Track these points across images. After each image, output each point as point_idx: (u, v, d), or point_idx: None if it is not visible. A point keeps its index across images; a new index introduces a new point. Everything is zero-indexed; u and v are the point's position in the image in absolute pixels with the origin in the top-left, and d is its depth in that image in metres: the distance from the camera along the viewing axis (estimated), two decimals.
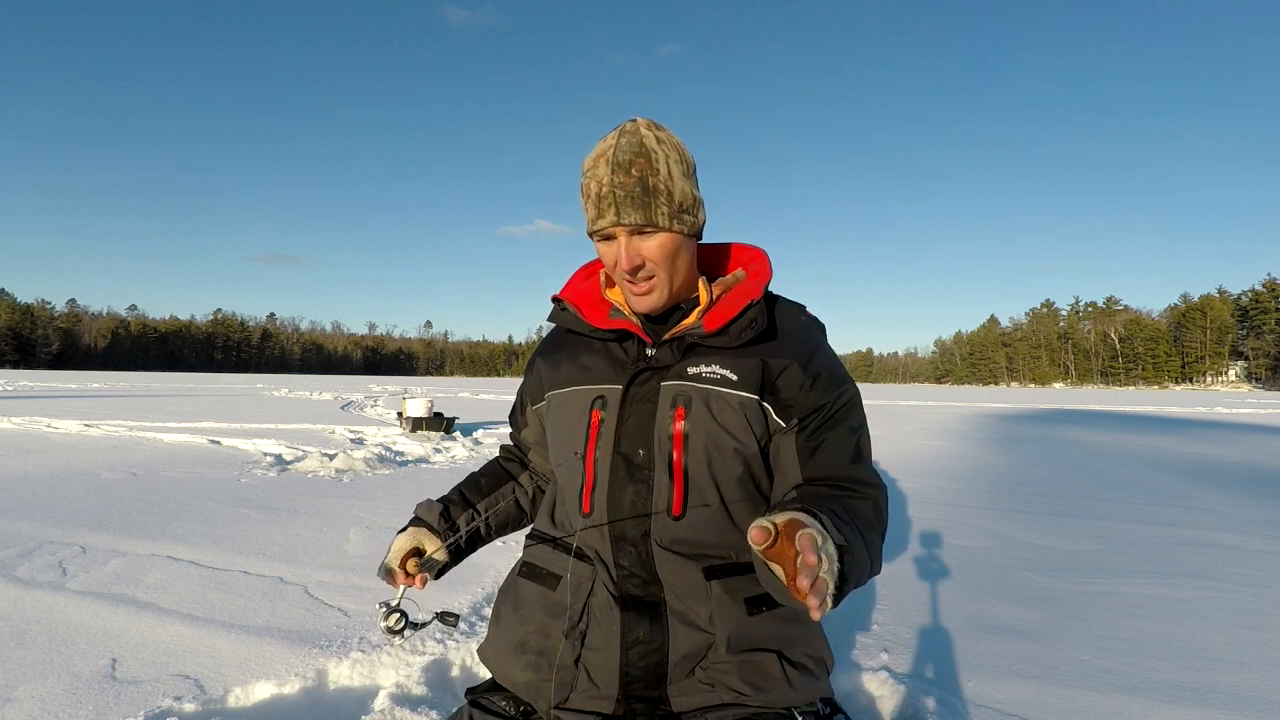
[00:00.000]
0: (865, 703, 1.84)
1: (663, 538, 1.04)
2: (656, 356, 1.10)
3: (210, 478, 5.07)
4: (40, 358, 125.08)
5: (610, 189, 0.99)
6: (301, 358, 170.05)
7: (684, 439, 1.04)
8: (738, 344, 1.05)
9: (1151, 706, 1.81)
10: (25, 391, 19.36)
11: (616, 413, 1.08)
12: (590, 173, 1.02)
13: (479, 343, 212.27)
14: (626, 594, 1.05)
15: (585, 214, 1.05)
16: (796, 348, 1.08)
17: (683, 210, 1.03)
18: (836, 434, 1.06)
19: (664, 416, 1.05)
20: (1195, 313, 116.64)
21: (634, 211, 0.99)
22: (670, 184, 1.01)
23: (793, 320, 1.12)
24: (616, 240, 1.03)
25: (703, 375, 1.06)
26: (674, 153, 1.02)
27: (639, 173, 0.99)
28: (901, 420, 13.98)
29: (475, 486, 1.31)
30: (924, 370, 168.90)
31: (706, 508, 1.05)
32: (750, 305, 1.06)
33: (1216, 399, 38.77)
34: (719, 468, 1.05)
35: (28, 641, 2.07)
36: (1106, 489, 5.45)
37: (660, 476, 1.04)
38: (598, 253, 1.08)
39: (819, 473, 1.04)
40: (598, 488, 1.07)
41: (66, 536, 3.26)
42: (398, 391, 25.47)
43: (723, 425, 1.04)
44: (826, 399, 1.06)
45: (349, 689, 1.87)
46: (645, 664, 1.03)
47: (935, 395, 39.86)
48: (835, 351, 1.13)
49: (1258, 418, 17.45)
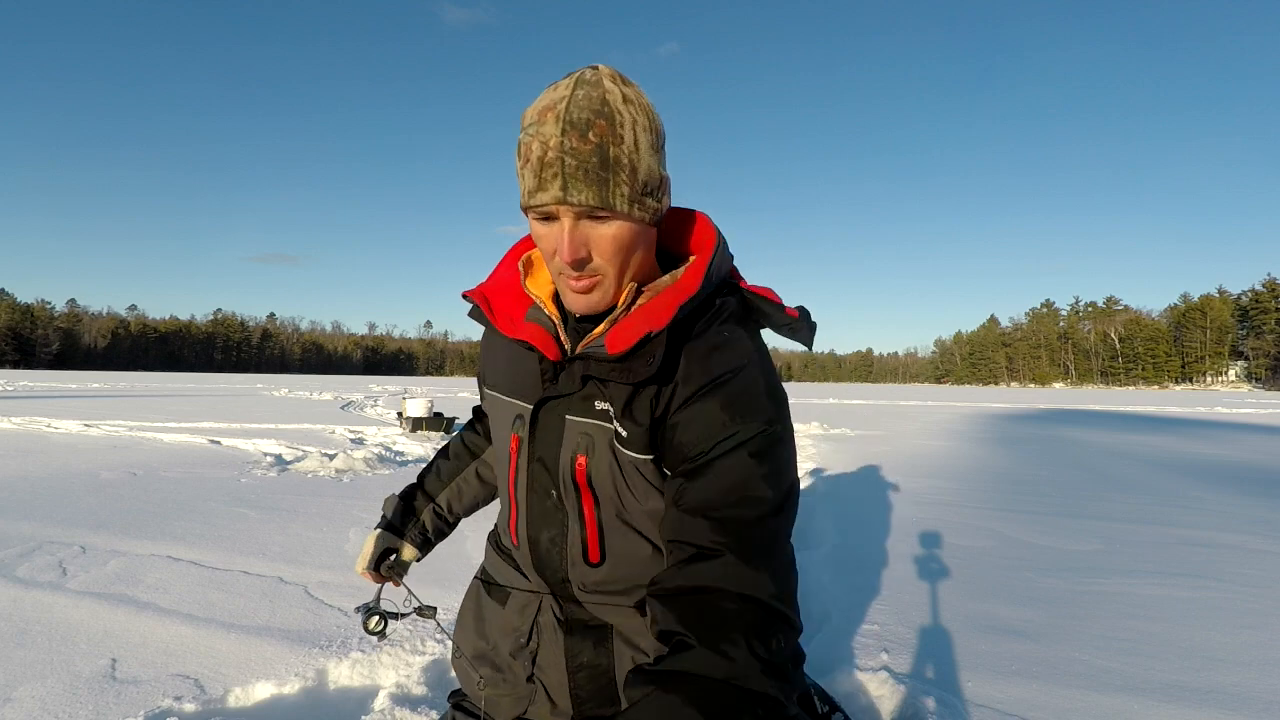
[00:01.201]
0: (865, 703, 1.84)
1: (584, 583, 0.96)
2: (562, 381, 0.91)
3: (210, 478, 5.06)
4: (40, 358, 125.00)
5: (558, 154, 0.77)
6: (301, 358, 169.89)
7: (589, 485, 0.90)
8: (634, 380, 0.84)
9: (1151, 706, 1.81)
10: (25, 391, 19.35)
11: (528, 442, 0.95)
12: (533, 129, 0.79)
13: (479, 343, 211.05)
14: (572, 618, 1.00)
15: (521, 181, 0.81)
16: (692, 385, 0.84)
17: (646, 192, 0.82)
18: (700, 481, 0.80)
19: (566, 458, 0.90)
20: (1195, 313, 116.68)
21: (586, 188, 0.77)
22: (635, 157, 0.79)
23: (702, 346, 0.86)
24: (558, 222, 0.81)
25: (608, 413, 0.88)
26: (643, 117, 0.81)
27: (597, 138, 0.77)
28: (901, 420, 13.97)
29: (437, 474, 1.27)
30: (924, 370, 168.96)
31: (629, 551, 0.93)
32: (646, 339, 0.82)
33: (1216, 399, 38.76)
34: (633, 518, 0.92)
35: (28, 641, 2.07)
36: (1106, 489, 5.44)
37: (573, 523, 0.93)
38: (532, 233, 0.86)
39: (671, 535, 0.81)
40: (519, 522, 0.99)
41: (66, 536, 3.26)
42: (398, 391, 25.46)
43: (626, 481, 0.89)
44: (702, 445, 0.81)
45: (349, 689, 1.87)
46: (593, 686, 0.99)
47: (935, 395, 39.84)
48: (760, 382, 0.85)
49: (1258, 418, 17.44)
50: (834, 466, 6.29)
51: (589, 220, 0.80)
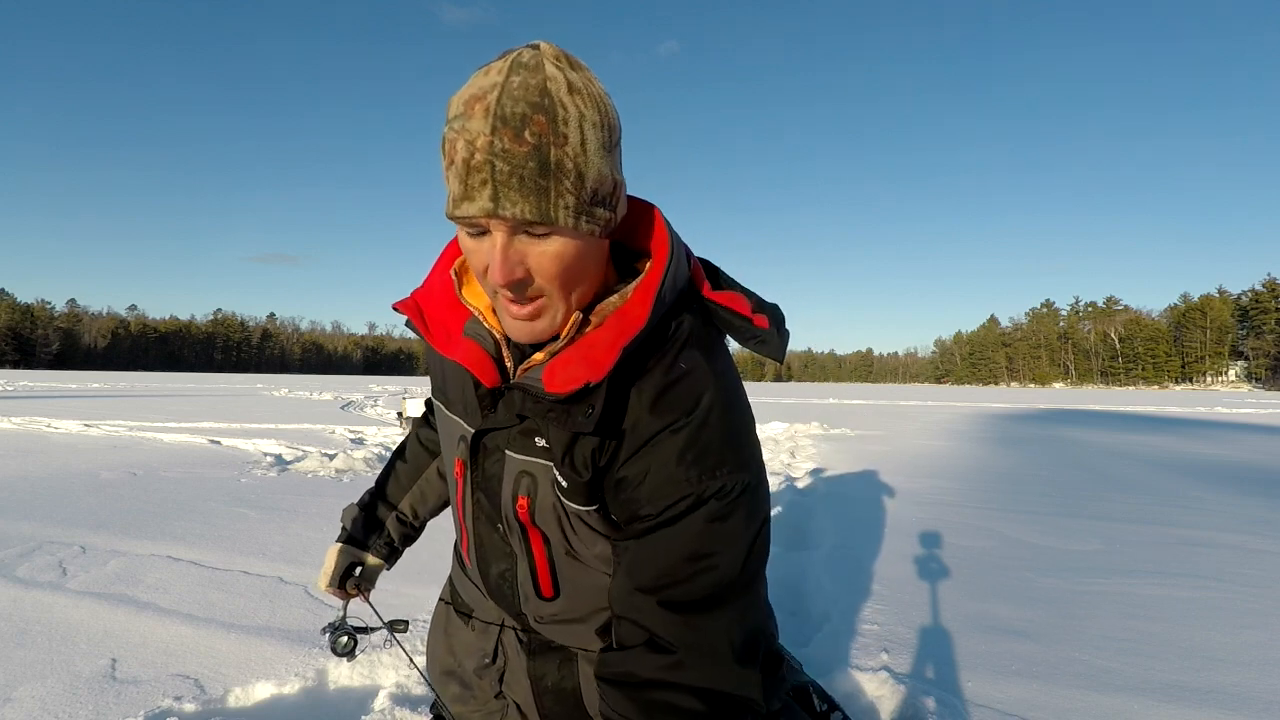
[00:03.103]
0: (865, 703, 1.84)
1: (540, 615, 0.91)
2: (499, 412, 0.82)
3: (210, 478, 5.06)
4: (40, 358, 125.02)
5: (487, 157, 0.63)
6: (301, 358, 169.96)
7: (534, 524, 0.83)
8: (574, 430, 0.74)
9: (1151, 706, 1.81)
10: (25, 391, 19.35)
11: (470, 470, 0.88)
12: (458, 123, 0.64)
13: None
14: (533, 639, 0.98)
15: (446, 184, 0.68)
16: (637, 430, 0.74)
17: (596, 201, 0.68)
18: (648, 550, 0.72)
19: (508, 496, 0.83)
20: (1195, 313, 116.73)
21: (521, 199, 0.64)
22: (582, 161, 0.65)
23: (651, 386, 0.74)
24: (489, 237, 0.67)
25: (550, 452, 0.79)
26: (592, 110, 0.66)
27: (535, 138, 0.63)
28: (901, 420, 13.97)
29: (396, 479, 1.20)
30: (924, 370, 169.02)
31: (584, 581, 0.87)
32: (587, 389, 0.71)
33: (1216, 399, 38.75)
34: (584, 554, 0.84)
35: (28, 641, 2.07)
36: (1106, 489, 5.44)
37: (522, 559, 0.88)
38: (461, 245, 0.73)
39: (621, 610, 0.74)
40: (470, 548, 0.94)
41: (66, 536, 3.26)
42: (398, 391, 25.43)
43: (572, 525, 0.81)
44: (654, 505, 0.72)
45: (349, 689, 1.87)
46: (561, 707, 0.97)
47: (935, 395, 39.83)
48: (720, 427, 0.74)
49: (1258, 418, 17.43)
50: (834, 466, 6.29)
51: (526, 236, 0.67)
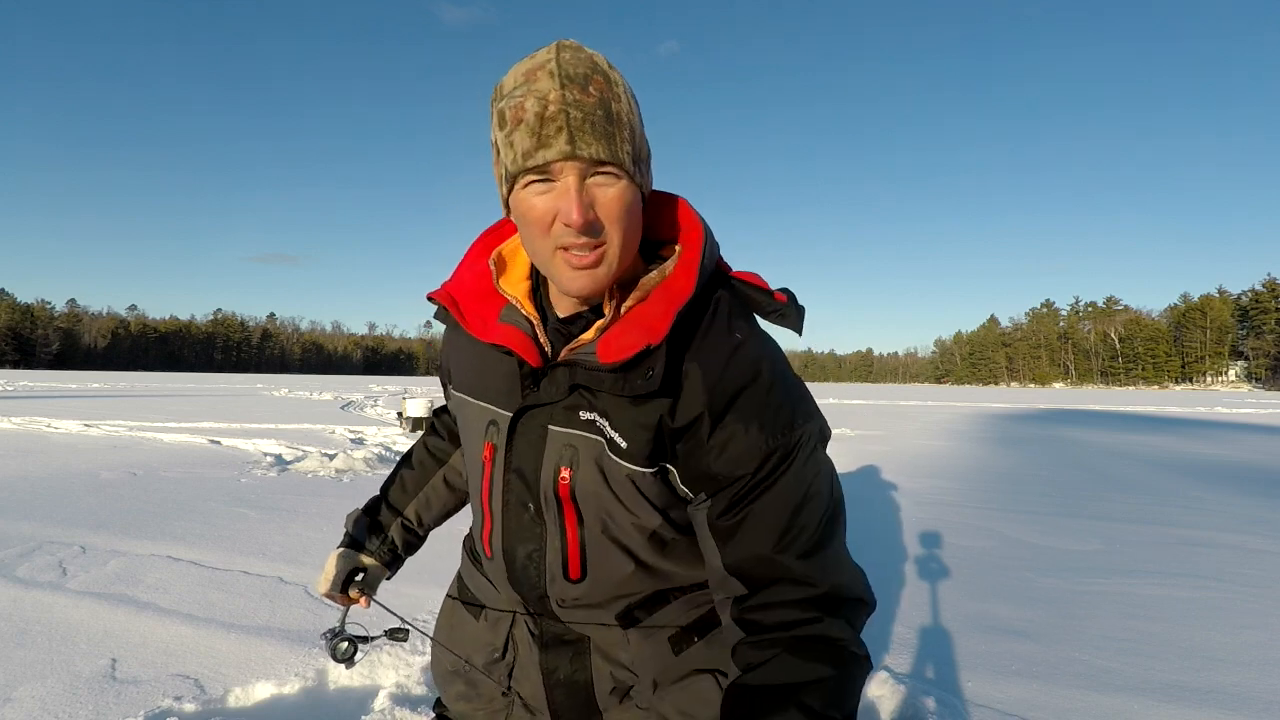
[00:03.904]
0: (865, 703, 1.84)
1: (563, 598, 0.91)
2: (544, 388, 0.84)
3: (210, 478, 5.06)
4: (40, 358, 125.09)
5: (560, 107, 0.69)
6: (301, 358, 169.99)
7: (573, 499, 0.85)
8: (631, 394, 0.78)
9: (1151, 706, 1.81)
10: (25, 391, 19.35)
11: (504, 452, 0.89)
12: (523, 89, 0.71)
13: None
14: (547, 632, 0.97)
15: (509, 149, 0.73)
16: (707, 400, 0.78)
17: (640, 159, 0.76)
18: (759, 513, 0.77)
19: (549, 471, 0.85)
20: (1195, 313, 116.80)
21: (595, 141, 0.70)
22: (633, 119, 0.74)
23: (712, 357, 0.79)
24: (558, 184, 0.71)
25: (595, 424, 0.82)
26: (627, 83, 0.76)
27: (599, 90, 0.71)
28: (902, 420, 13.97)
29: (402, 486, 1.20)
30: (924, 370, 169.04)
31: (612, 566, 0.88)
32: (646, 351, 0.76)
33: (1216, 399, 38.76)
34: (619, 533, 0.86)
35: (28, 641, 2.07)
36: (1106, 489, 5.44)
37: (552, 538, 0.88)
38: (518, 209, 0.76)
39: (740, 566, 0.78)
40: (494, 534, 0.94)
41: (66, 536, 3.26)
42: (398, 391, 25.45)
43: (615, 494, 0.83)
44: (744, 468, 0.77)
45: (349, 689, 1.87)
46: (571, 701, 0.96)
47: (935, 395, 39.84)
48: (781, 383, 0.80)
49: (1258, 418, 17.44)
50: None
51: (596, 178, 0.72)
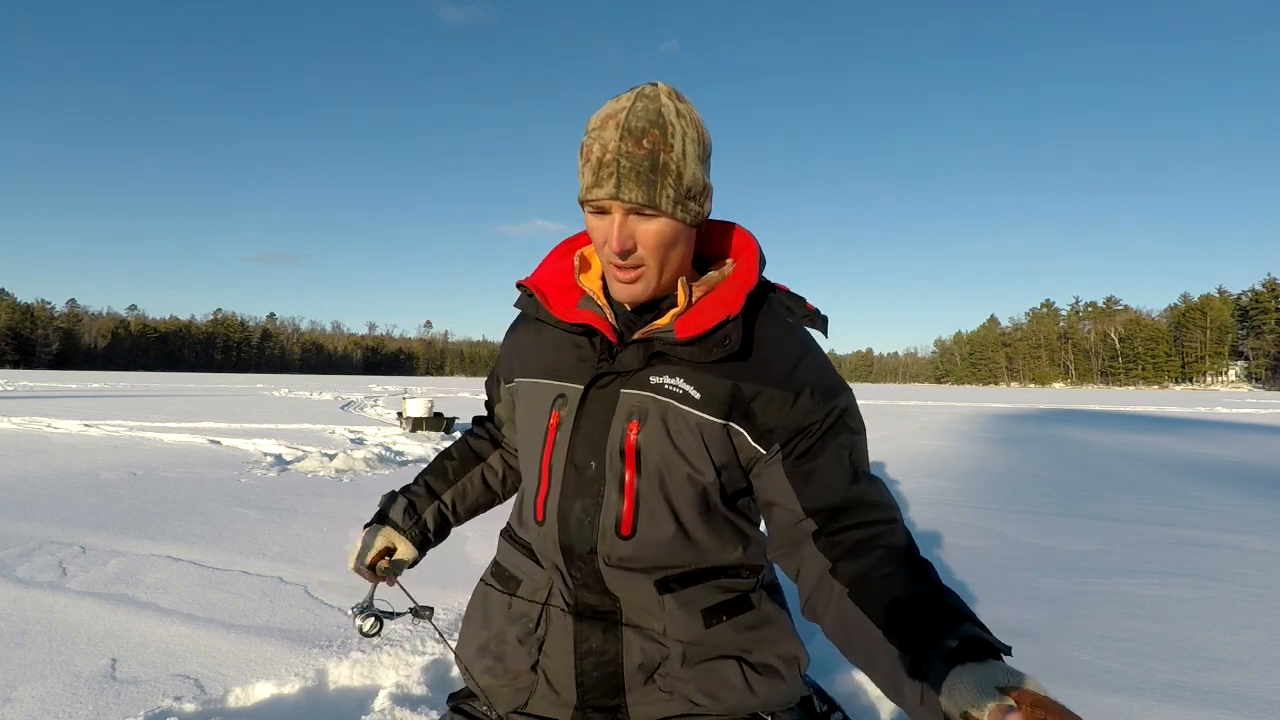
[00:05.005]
0: (865, 703, 1.84)
1: (610, 555, 0.99)
2: (620, 359, 1.00)
3: (210, 478, 5.07)
4: (40, 358, 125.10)
5: (615, 157, 0.88)
6: (301, 358, 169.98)
7: (636, 455, 0.97)
8: (708, 359, 0.95)
9: (1151, 706, 1.81)
10: (25, 391, 19.36)
11: (573, 417, 1.01)
12: (595, 133, 0.91)
13: (479, 343, 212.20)
14: (581, 603, 1.02)
15: (580, 178, 0.94)
16: (775, 364, 0.97)
17: (689, 196, 0.92)
18: (829, 455, 0.95)
19: (618, 428, 0.97)
20: (1195, 313, 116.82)
21: (636, 188, 0.88)
22: (682, 164, 0.90)
23: (774, 331, 1.00)
24: (609, 216, 0.92)
25: (665, 387, 0.97)
26: (692, 130, 0.92)
27: (650, 145, 0.88)
28: (902, 420, 13.97)
29: (442, 474, 1.28)
30: (924, 370, 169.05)
31: (658, 527, 0.98)
32: (725, 322, 0.95)
33: (1216, 399, 38.76)
34: (672, 490, 0.97)
35: (28, 641, 2.07)
36: (1106, 489, 5.45)
37: (610, 493, 0.98)
38: (587, 225, 0.97)
39: (820, 502, 0.94)
40: (550, 495, 1.02)
41: (66, 536, 3.26)
42: (398, 391, 25.47)
43: (677, 447, 0.96)
44: (813, 418, 0.95)
45: (349, 689, 1.87)
46: (600, 674, 1.01)
47: (935, 395, 39.84)
48: (825, 358, 1.02)
49: (1258, 418, 17.44)
50: None
51: (636, 216, 0.91)
